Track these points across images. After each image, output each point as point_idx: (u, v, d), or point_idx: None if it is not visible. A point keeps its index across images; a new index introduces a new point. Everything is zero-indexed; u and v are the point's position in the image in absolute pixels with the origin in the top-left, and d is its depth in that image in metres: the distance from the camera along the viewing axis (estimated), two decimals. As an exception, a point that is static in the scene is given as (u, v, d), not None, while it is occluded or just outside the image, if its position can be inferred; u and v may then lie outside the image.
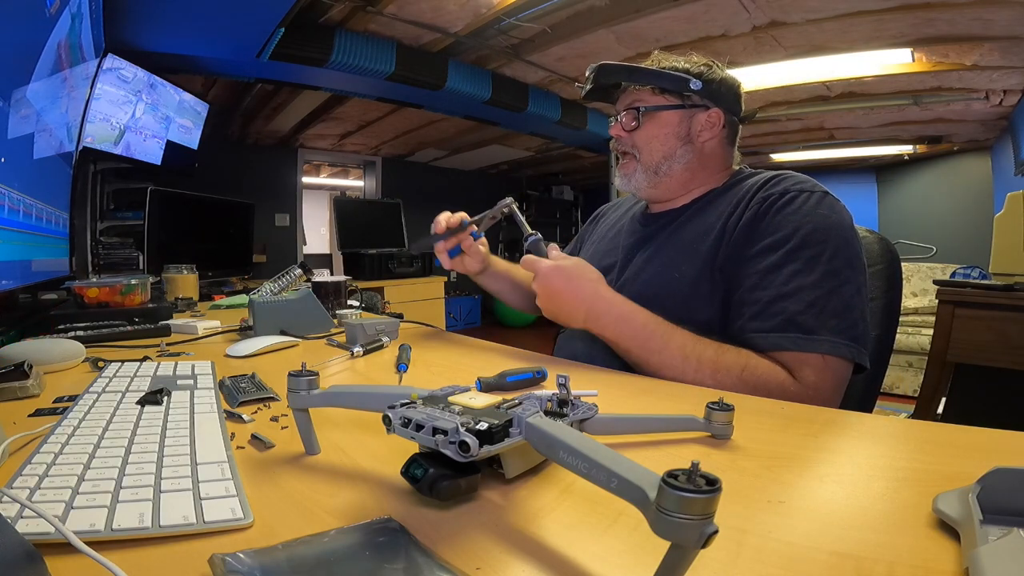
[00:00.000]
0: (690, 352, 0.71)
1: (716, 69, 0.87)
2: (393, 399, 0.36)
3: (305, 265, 1.37)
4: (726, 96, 0.87)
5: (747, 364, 0.69)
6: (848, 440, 0.49)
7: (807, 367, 0.68)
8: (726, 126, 0.88)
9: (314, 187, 6.04)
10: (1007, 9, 2.24)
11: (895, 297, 0.91)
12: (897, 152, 4.83)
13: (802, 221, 0.73)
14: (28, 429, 0.45)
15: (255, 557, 0.27)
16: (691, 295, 0.79)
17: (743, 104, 0.90)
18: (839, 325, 0.69)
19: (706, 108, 0.86)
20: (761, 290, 0.72)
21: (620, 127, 0.89)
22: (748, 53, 2.89)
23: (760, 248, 0.74)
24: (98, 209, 2.56)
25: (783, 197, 0.76)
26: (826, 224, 0.73)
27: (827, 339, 0.68)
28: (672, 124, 0.87)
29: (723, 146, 0.89)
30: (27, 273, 1.05)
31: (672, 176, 0.88)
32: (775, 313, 0.70)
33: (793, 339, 0.69)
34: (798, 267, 0.71)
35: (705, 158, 0.88)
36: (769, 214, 0.75)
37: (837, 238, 0.72)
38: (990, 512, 0.29)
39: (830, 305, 0.69)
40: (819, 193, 0.76)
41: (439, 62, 2.99)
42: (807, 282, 0.70)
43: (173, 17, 2.26)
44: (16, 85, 0.97)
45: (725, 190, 0.86)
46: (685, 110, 0.86)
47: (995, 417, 0.99)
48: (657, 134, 0.87)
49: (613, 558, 0.29)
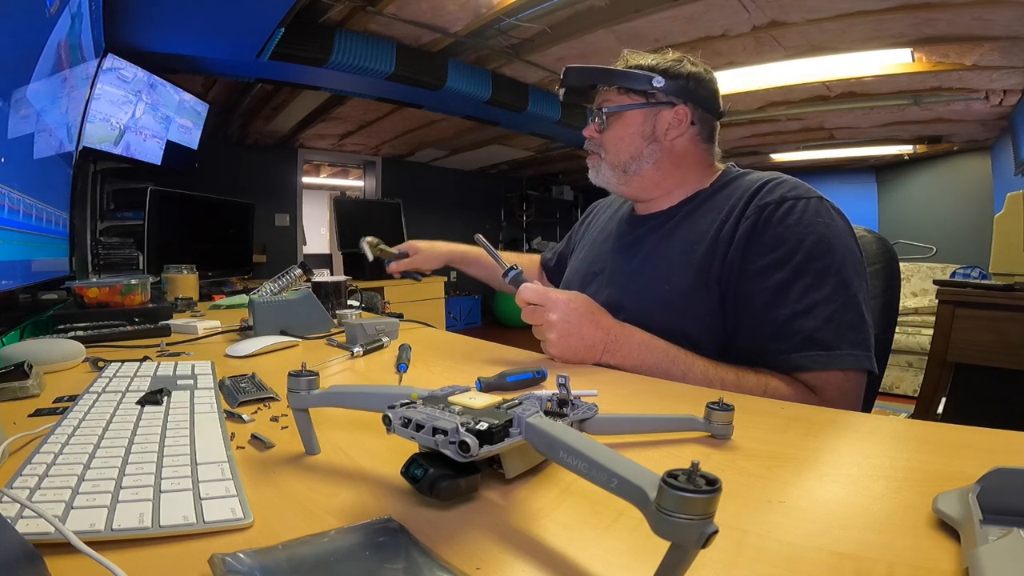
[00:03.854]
0: (712, 376, 0.71)
1: (685, 64, 0.85)
2: (393, 399, 0.36)
3: (305, 265, 1.37)
4: (695, 92, 0.84)
5: (767, 386, 0.69)
6: (848, 440, 0.49)
7: (829, 384, 0.68)
8: (696, 123, 0.85)
9: (314, 187, 6.05)
10: (1007, 9, 2.24)
11: (893, 296, 0.92)
12: (897, 152, 4.83)
13: (805, 232, 0.72)
14: (28, 429, 0.45)
15: (255, 557, 0.27)
16: (682, 308, 0.78)
17: (719, 100, 0.88)
18: (856, 337, 0.69)
19: (672, 105, 0.84)
20: (775, 308, 0.71)
21: (593, 128, 0.89)
22: (748, 53, 2.89)
23: (766, 263, 0.73)
24: (98, 209, 2.56)
25: (781, 207, 0.74)
26: (828, 233, 0.72)
27: (848, 353, 0.68)
28: (636, 123, 0.86)
29: (696, 144, 0.87)
30: (27, 273, 1.05)
31: (642, 175, 0.87)
32: (793, 332, 0.69)
33: (814, 358, 0.68)
34: (809, 282, 0.70)
35: (677, 157, 0.86)
36: (770, 225, 0.74)
37: (841, 247, 0.72)
38: (990, 512, 0.29)
39: (846, 318, 0.69)
40: (815, 199, 0.75)
41: (439, 62, 2.99)
42: (820, 297, 0.69)
43: (173, 17, 2.26)
44: (16, 85, 0.97)
45: (714, 192, 0.85)
46: (649, 108, 0.85)
47: (995, 417, 0.99)
48: (622, 135, 0.86)
49: (613, 558, 0.29)
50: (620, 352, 0.74)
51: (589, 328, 0.74)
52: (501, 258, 0.81)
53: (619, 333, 0.74)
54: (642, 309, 0.79)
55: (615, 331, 0.74)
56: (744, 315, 0.74)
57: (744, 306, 0.74)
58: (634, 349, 0.74)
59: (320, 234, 6.26)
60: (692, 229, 0.82)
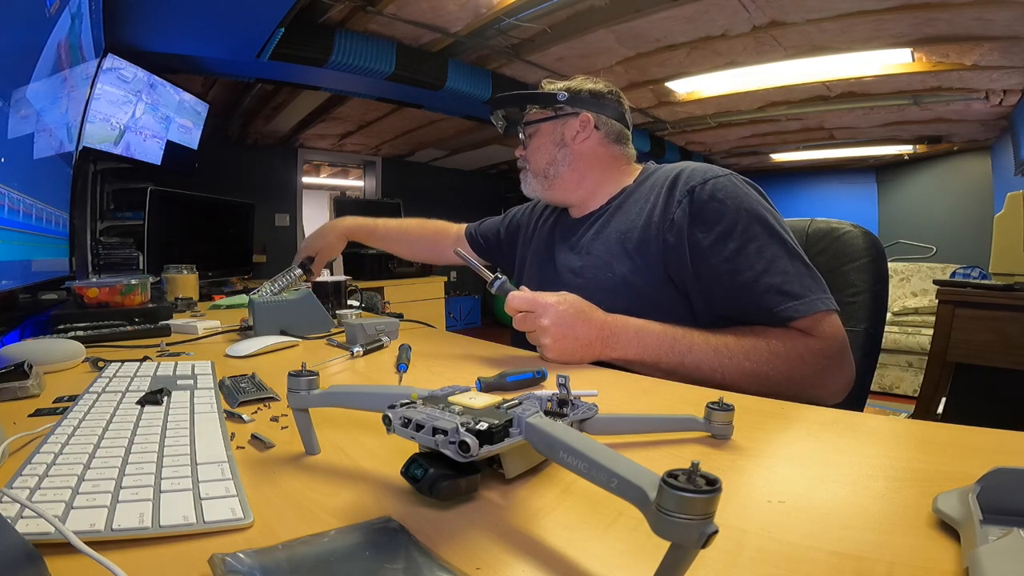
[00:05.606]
0: (716, 343, 0.73)
1: (586, 83, 0.97)
2: (393, 399, 0.36)
3: (305, 265, 1.36)
4: (596, 103, 0.96)
5: (768, 338, 0.73)
6: (848, 440, 0.49)
7: (820, 324, 0.73)
8: (600, 127, 0.96)
9: (314, 187, 6.04)
10: (1007, 9, 2.24)
11: (881, 291, 0.93)
12: (897, 152, 4.83)
13: (736, 203, 0.78)
14: (28, 429, 0.45)
15: (255, 557, 0.27)
16: (625, 292, 0.83)
17: (623, 108, 0.99)
18: (813, 284, 0.75)
19: (576, 114, 0.95)
20: (740, 274, 0.76)
21: (521, 147, 1.01)
22: (748, 53, 2.89)
23: (715, 237, 0.78)
24: (98, 209, 2.56)
25: (706, 185, 0.81)
26: (751, 201, 0.79)
27: (816, 297, 0.73)
28: (548, 134, 0.97)
29: (604, 145, 0.97)
30: (27, 273, 1.05)
31: (561, 178, 0.97)
32: (765, 290, 0.74)
33: (795, 307, 0.73)
34: (758, 244, 0.76)
35: (588, 158, 0.96)
36: (704, 203, 0.80)
37: (766, 210, 0.79)
38: (990, 512, 0.29)
39: (797, 268, 0.75)
40: (729, 175, 0.82)
41: (439, 62, 2.99)
42: (771, 254, 0.75)
43: (173, 17, 2.26)
44: (16, 85, 0.97)
45: (637, 186, 0.93)
46: (557, 119, 0.97)
47: (995, 417, 0.99)
48: (539, 144, 0.98)
49: (613, 558, 0.29)
50: (618, 345, 0.75)
51: (583, 327, 0.74)
52: (483, 268, 0.84)
53: (613, 326, 0.75)
54: (591, 297, 0.81)
55: (609, 325, 0.75)
56: (715, 288, 0.78)
57: (712, 280, 0.78)
58: (631, 338, 0.75)
59: (320, 234, 6.24)
60: (624, 219, 0.89)
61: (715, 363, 0.72)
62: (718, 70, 3.14)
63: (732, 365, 0.71)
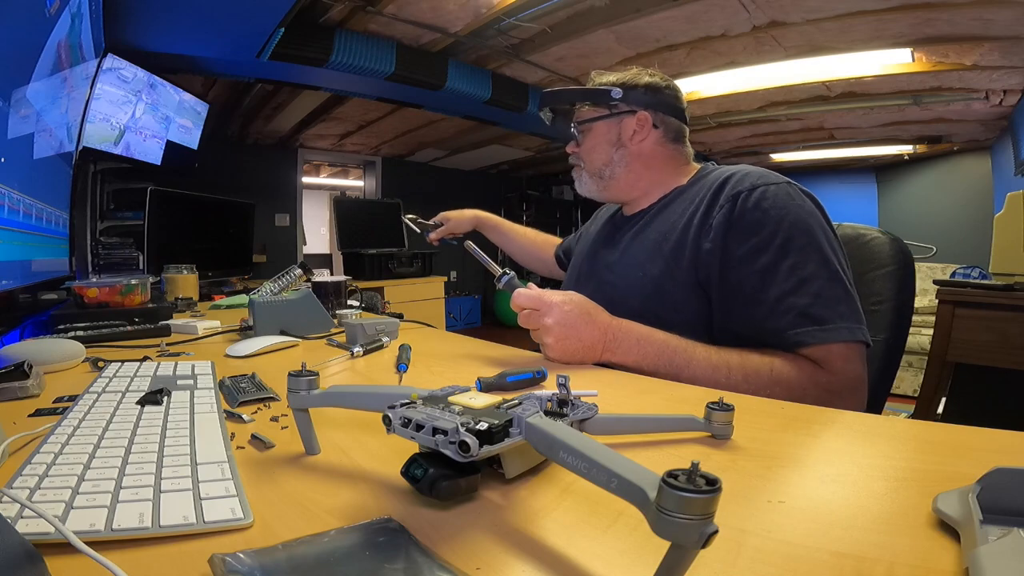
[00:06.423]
0: (717, 360, 0.71)
1: (642, 76, 0.92)
2: (393, 399, 0.36)
3: (305, 265, 1.37)
4: (653, 99, 0.92)
5: (773, 363, 0.70)
6: (848, 440, 0.49)
7: (833, 356, 0.69)
8: (659, 126, 0.92)
9: (314, 187, 6.05)
10: (1007, 9, 2.24)
11: (906, 300, 0.90)
12: (897, 152, 4.83)
13: (781, 215, 0.74)
14: (28, 429, 0.45)
15: (255, 557, 0.27)
16: (655, 294, 0.81)
17: (681, 104, 0.94)
18: (847, 310, 0.70)
19: (632, 113, 0.91)
20: (764, 291, 0.73)
21: (573, 144, 0.98)
22: (748, 53, 2.89)
23: (749, 249, 0.75)
24: (98, 209, 2.56)
25: (753, 193, 0.76)
26: (802, 214, 0.75)
27: (843, 326, 0.69)
28: (603, 133, 0.94)
29: (662, 145, 0.93)
30: (27, 273, 1.05)
31: (617, 179, 0.94)
32: (786, 311, 0.71)
33: (812, 333, 0.69)
34: (793, 261, 0.72)
35: (645, 158, 0.93)
36: (746, 211, 0.76)
37: (816, 226, 0.74)
38: (990, 512, 0.28)
39: (834, 292, 0.71)
40: (784, 184, 0.78)
41: (439, 62, 2.99)
42: (806, 274, 0.71)
43: (173, 17, 2.26)
44: (16, 85, 0.97)
45: (688, 187, 0.90)
46: (612, 118, 0.92)
47: (995, 417, 0.99)
48: (594, 144, 0.95)
49: (613, 558, 0.29)
50: (619, 349, 0.74)
51: (586, 328, 0.74)
52: (492, 263, 0.83)
53: (617, 330, 0.75)
54: (619, 295, 0.81)
55: (612, 329, 0.75)
56: (735, 301, 0.76)
57: (733, 292, 0.76)
58: (633, 344, 0.74)
59: (320, 234, 6.27)
60: (665, 220, 0.87)
61: (711, 380, 0.70)
62: (718, 70, 3.14)
63: (729, 385, 0.69)
